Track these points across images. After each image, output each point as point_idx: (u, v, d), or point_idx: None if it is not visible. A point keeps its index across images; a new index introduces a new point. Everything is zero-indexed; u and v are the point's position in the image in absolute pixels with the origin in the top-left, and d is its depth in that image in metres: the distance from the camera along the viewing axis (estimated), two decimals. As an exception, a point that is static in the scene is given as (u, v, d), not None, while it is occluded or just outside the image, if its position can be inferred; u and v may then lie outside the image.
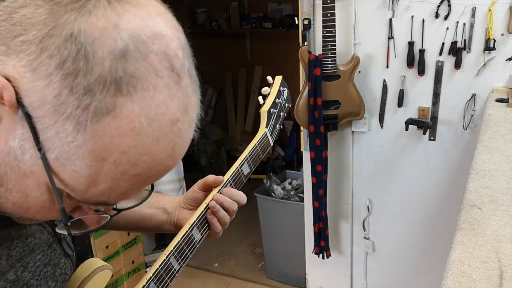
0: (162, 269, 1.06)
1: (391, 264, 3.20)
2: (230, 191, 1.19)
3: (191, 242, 1.13)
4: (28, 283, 0.76)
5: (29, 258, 0.77)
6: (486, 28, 2.48)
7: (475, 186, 1.46)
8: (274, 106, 1.44)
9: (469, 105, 2.64)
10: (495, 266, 1.07)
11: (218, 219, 1.16)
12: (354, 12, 2.74)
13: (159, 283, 1.05)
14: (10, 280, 0.72)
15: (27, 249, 0.76)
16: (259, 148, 1.34)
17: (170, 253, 1.08)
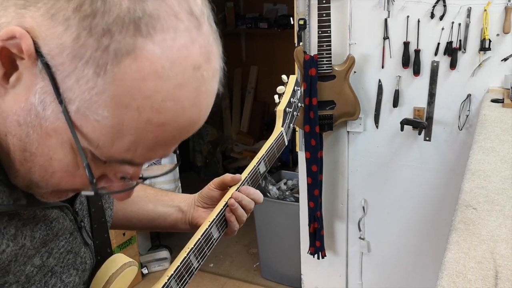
0: (183, 267, 1.06)
1: (386, 264, 3.20)
2: (248, 190, 1.19)
3: (209, 240, 1.13)
4: (52, 270, 0.76)
5: (54, 244, 0.76)
6: (482, 29, 2.48)
7: (470, 187, 1.46)
8: (289, 106, 1.44)
9: (464, 106, 2.64)
10: (490, 267, 1.06)
11: (236, 217, 1.16)
12: (350, 12, 2.74)
13: (179, 281, 1.05)
14: (37, 265, 0.72)
15: (50, 233, 0.75)
16: (275, 148, 1.35)
17: (190, 250, 1.07)
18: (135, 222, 1.19)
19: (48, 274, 0.76)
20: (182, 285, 1.06)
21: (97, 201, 0.90)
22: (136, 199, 1.19)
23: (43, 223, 0.73)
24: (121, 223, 1.17)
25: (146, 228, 1.22)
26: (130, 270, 0.92)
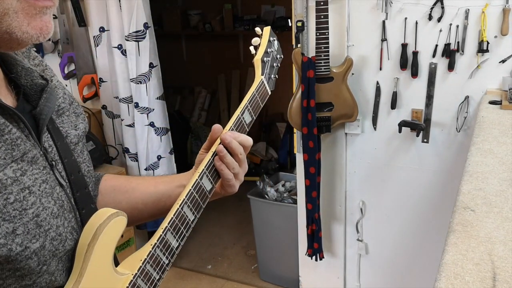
0: (177, 219, 1.04)
1: (384, 266, 3.20)
2: (234, 134, 1.16)
3: (201, 191, 1.11)
4: (29, 189, 0.78)
5: (27, 166, 0.78)
6: (479, 30, 2.49)
7: (468, 188, 1.46)
8: (267, 55, 1.46)
9: (462, 107, 2.64)
10: (488, 268, 1.06)
11: (226, 165, 1.13)
12: (348, 14, 2.74)
13: (175, 233, 1.04)
14: (10, 176, 0.74)
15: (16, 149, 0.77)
16: (258, 96, 1.34)
17: (182, 202, 1.06)
18: (141, 208, 1.18)
19: (26, 192, 0.77)
20: (179, 238, 1.05)
21: (68, 154, 0.93)
22: (136, 186, 1.20)
23: (3, 136, 0.76)
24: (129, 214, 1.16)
25: (154, 213, 1.20)
26: (119, 220, 0.91)
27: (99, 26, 3.45)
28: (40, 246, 0.78)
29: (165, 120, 3.63)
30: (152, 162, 3.64)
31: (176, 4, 5.89)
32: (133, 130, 3.57)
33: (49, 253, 0.80)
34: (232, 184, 1.16)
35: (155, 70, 3.44)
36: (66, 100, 1.02)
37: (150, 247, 0.99)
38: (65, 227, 0.85)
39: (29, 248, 0.76)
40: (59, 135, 0.93)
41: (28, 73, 0.88)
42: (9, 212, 0.73)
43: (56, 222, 0.82)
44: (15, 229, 0.73)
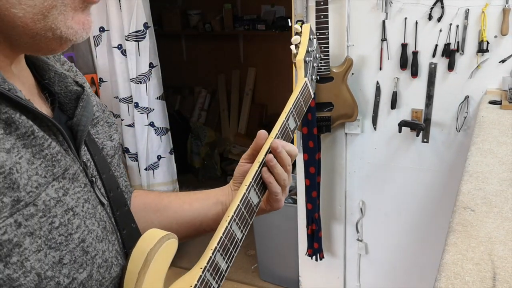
0: (226, 238, 0.95)
1: (384, 266, 3.20)
2: (282, 142, 1.09)
3: (249, 206, 1.02)
4: (73, 210, 0.70)
5: (68, 184, 0.70)
6: (479, 30, 2.48)
7: (468, 188, 1.45)
8: (308, 55, 1.34)
9: (462, 107, 2.64)
10: (488, 268, 1.06)
11: (275, 177, 1.05)
12: (347, 14, 2.74)
13: (225, 254, 0.95)
14: (53, 197, 0.66)
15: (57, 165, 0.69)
16: (302, 100, 1.23)
17: (231, 219, 0.97)
18: (176, 229, 1.06)
19: (70, 213, 0.69)
20: (228, 259, 0.96)
21: (106, 168, 0.86)
22: (168, 204, 1.12)
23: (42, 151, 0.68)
24: None
25: (189, 234, 1.11)
26: (170, 243, 0.84)
27: (99, 26, 3.44)
28: (87, 276, 0.70)
29: (165, 120, 3.63)
30: (152, 162, 3.64)
31: (176, 4, 5.89)
32: (133, 130, 3.57)
33: (96, 283, 0.73)
34: (279, 198, 1.08)
35: (155, 70, 3.44)
36: (99, 108, 0.95)
37: (199, 270, 0.90)
38: (110, 252, 0.78)
39: (77, 279, 0.68)
40: (96, 148, 0.86)
41: (62, 79, 0.82)
42: (55, 238, 0.65)
43: (102, 247, 0.75)
44: (62, 258, 0.66)
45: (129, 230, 0.87)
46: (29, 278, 0.60)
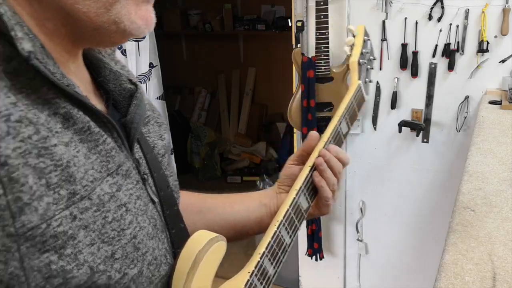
0: (274, 243, 0.94)
1: (384, 266, 3.20)
2: (334, 148, 1.07)
3: (299, 211, 1.00)
4: (126, 206, 0.70)
5: (121, 181, 0.71)
6: (479, 30, 2.48)
7: (468, 188, 1.46)
8: (362, 57, 1.31)
9: (462, 107, 2.64)
10: (488, 268, 1.06)
11: (326, 181, 1.03)
12: (347, 14, 2.74)
13: (273, 259, 0.94)
14: (107, 192, 0.67)
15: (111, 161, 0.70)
16: (355, 103, 1.20)
17: (280, 224, 0.95)
18: (218, 231, 1.01)
19: (122, 208, 0.69)
20: (276, 265, 0.96)
21: (157, 167, 0.87)
22: (211, 206, 1.12)
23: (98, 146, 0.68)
24: None
25: (232, 236, 1.07)
26: (219, 245, 0.84)
27: (99, 26, 3.44)
28: (138, 272, 0.70)
29: (165, 120, 3.63)
30: (152, 162, 3.63)
31: (176, 4, 5.90)
32: (133, 130, 3.56)
33: (146, 280, 0.72)
34: (329, 203, 1.06)
35: (155, 70, 3.44)
36: (149, 108, 0.94)
37: (247, 275, 0.91)
38: (160, 250, 0.78)
39: (127, 274, 0.68)
40: (148, 146, 0.86)
41: (116, 77, 0.82)
42: (108, 233, 0.65)
43: (152, 244, 0.75)
44: (114, 253, 0.66)
45: (178, 229, 0.87)
46: (82, 271, 0.60)
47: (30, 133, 0.58)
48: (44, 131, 0.59)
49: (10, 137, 0.55)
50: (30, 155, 0.57)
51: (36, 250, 0.57)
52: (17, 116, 0.57)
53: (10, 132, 0.56)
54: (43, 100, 0.61)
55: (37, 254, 0.57)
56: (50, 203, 0.58)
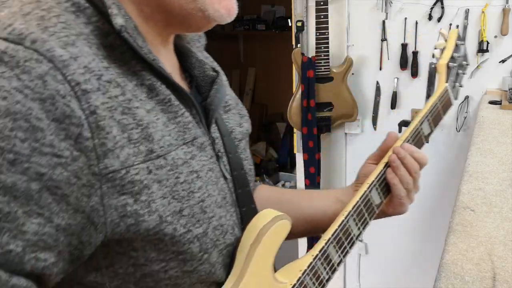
0: (341, 232, 0.96)
1: (384, 266, 3.20)
2: (410, 147, 1.08)
3: (369, 205, 1.02)
4: (198, 173, 0.76)
5: (196, 151, 0.77)
6: (479, 30, 2.49)
7: (468, 188, 1.46)
8: (452, 61, 1.29)
9: (462, 107, 2.64)
10: (488, 268, 1.06)
11: (399, 178, 1.04)
12: (347, 14, 2.74)
13: (338, 247, 0.96)
14: (181, 157, 0.74)
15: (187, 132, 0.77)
16: (440, 105, 1.21)
17: (348, 214, 0.97)
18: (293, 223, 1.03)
19: (194, 175, 0.75)
20: (342, 253, 0.97)
21: (233, 149, 0.92)
22: (290, 199, 1.15)
23: (176, 118, 0.76)
24: None
25: (306, 230, 1.11)
26: (283, 223, 0.87)
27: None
28: (202, 232, 0.76)
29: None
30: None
31: (176, 4, 5.89)
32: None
33: (211, 242, 0.78)
34: (403, 202, 1.06)
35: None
36: (232, 100, 1.03)
37: (311, 257, 0.93)
38: (227, 220, 0.83)
39: (192, 231, 0.74)
40: (225, 130, 0.92)
41: (201, 65, 0.90)
42: (178, 191, 0.72)
43: (219, 212, 0.80)
44: (182, 210, 0.72)
45: (248, 209, 0.91)
46: (152, 218, 0.68)
47: (117, 93, 0.66)
48: (129, 95, 0.68)
49: (100, 93, 0.64)
50: (115, 111, 0.65)
51: (115, 191, 0.65)
52: (108, 78, 0.66)
53: (100, 89, 0.64)
54: (131, 72, 0.71)
55: (115, 195, 0.65)
56: (130, 154, 0.66)
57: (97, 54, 0.66)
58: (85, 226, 0.64)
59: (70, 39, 0.64)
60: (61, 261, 0.63)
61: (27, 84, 0.59)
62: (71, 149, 0.61)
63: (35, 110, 0.59)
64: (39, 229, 0.60)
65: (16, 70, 0.59)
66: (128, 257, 0.70)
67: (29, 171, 0.59)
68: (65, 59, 0.61)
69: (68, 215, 0.62)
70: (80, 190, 0.62)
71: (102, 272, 0.70)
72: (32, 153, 0.59)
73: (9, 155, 0.58)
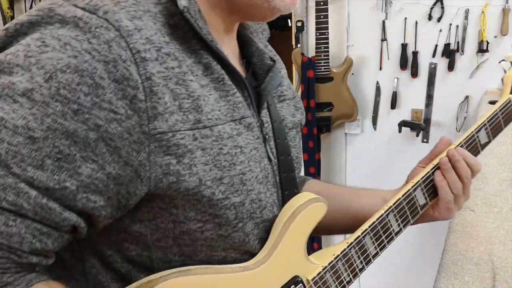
0: (379, 224, 0.97)
1: (384, 266, 3.19)
2: (464, 152, 1.04)
3: (413, 204, 1.01)
4: (241, 148, 0.81)
5: (242, 129, 0.82)
6: (479, 30, 2.49)
7: (468, 188, 1.45)
8: None
9: (462, 107, 2.64)
10: (488, 268, 1.06)
11: (448, 182, 1.02)
12: (347, 14, 2.74)
13: (374, 238, 0.97)
14: (227, 131, 0.79)
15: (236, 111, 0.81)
16: (501, 116, 1.17)
17: (389, 208, 0.98)
18: (339, 218, 1.11)
19: (238, 149, 0.80)
20: (378, 246, 0.98)
21: (282, 135, 0.95)
22: (338, 195, 1.17)
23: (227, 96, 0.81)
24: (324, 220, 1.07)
25: (351, 226, 1.08)
26: (318, 205, 0.90)
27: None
28: (240, 202, 0.80)
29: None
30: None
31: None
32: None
33: (247, 212, 0.82)
34: (450, 207, 1.04)
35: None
36: (289, 92, 1.07)
37: (345, 244, 0.95)
38: (267, 197, 0.86)
39: (230, 199, 0.78)
40: (277, 116, 0.96)
41: (260, 54, 0.94)
42: (220, 161, 0.77)
43: (259, 188, 0.84)
44: (222, 178, 0.77)
45: (291, 192, 0.93)
46: (192, 179, 0.73)
47: (173, 66, 0.73)
48: (185, 69, 0.74)
49: (157, 62, 0.70)
50: (170, 80, 0.72)
51: (161, 151, 0.71)
52: (167, 51, 0.72)
53: (158, 59, 0.71)
54: (191, 50, 0.77)
55: (161, 154, 0.71)
56: (178, 121, 0.72)
57: (160, 30, 0.73)
58: (132, 178, 0.70)
59: (137, 14, 0.72)
60: (109, 206, 0.71)
61: (95, 47, 0.66)
62: (126, 108, 0.68)
63: (99, 70, 0.66)
64: (92, 173, 0.67)
65: (88, 34, 0.67)
66: (169, 213, 0.76)
67: (89, 121, 0.66)
68: (130, 29, 0.69)
69: (119, 166, 0.69)
70: (131, 146, 0.69)
71: (145, 224, 0.77)
72: (93, 107, 0.66)
73: (74, 106, 0.65)
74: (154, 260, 0.80)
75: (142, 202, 0.75)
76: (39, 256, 0.69)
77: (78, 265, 0.82)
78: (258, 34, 1.04)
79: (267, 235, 0.88)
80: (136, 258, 0.80)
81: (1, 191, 0.64)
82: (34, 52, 0.67)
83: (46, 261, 0.71)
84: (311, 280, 0.89)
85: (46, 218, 0.66)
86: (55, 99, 0.65)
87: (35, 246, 0.67)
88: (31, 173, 0.64)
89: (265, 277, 0.86)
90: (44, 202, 0.65)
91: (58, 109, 0.65)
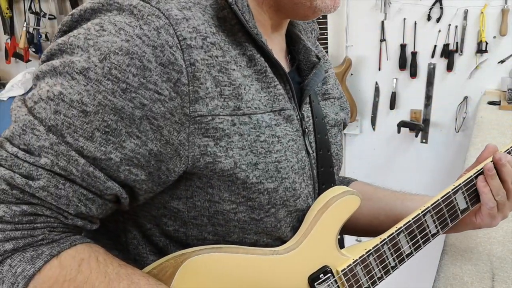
0: (414, 223, 0.96)
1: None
2: (510, 157, 1.00)
3: (452, 207, 0.99)
4: (279, 138, 0.84)
5: (281, 120, 0.85)
6: (478, 31, 2.49)
7: (467, 189, 1.45)
8: None
9: (461, 108, 2.64)
10: (487, 269, 1.06)
11: (491, 188, 0.98)
12: (346, 14, 2.74)
13: (410, 238, 0.98)
14: (266, 120, 0.82)
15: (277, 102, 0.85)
16: None
17: (426, 209, 0.97)
18: (382, 220, 1.11)
19: (275, 139, 0.83)
20: (413, 245, 0.98)
21: (323, 131, 0.97)
22: (382, 197, 1.19)
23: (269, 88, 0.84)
24: (369, 222, 1.11)
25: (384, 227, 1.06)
26: (352, 198, 0.92)
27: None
28: (273, 188, 0.83)
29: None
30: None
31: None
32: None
33: (280, 199, 0.84)
34: (493, 214, 1.00)
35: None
36: (335, 92, 1.09)
37: (378, 240, 0.95)
38: (302, 187, 0.89)
39: (264, 184, 0.81)
40: (319, 112, 0.98)
41: (307, 52, 0.97)
42: (257, 147, 0.80)
43: (294, 177, 0.86)
44: (257, 164, 0.81)
45: (328, 187, 0.96)
46: (227, 161, 0.77)
47: (218, 54, 0.77)
48: (229, 58, 0.78)
49: (202, 50, 0.75)
50: (213, 68, 0.76)
51: (200, 132, 0.75)
52: (212, 40, 0.76)
53: (203, 47, 0.75)
54: (237, 42, 0.81)
55: (200, 136, 0.75)
56: (218, 106, 0.76)
57: (208, 21, 0.78)
58: (172, 156, 0.75)
59: (187, 5, 0.76)
60: (150, 181, 0.76)
61: (146, 33, 0.72)
62: (169, 90, 0.72)
63: (148, 54, 0.71)
64: (136, 148, 0.72)
65: (140, 21, 0.72)
66: (205, 192, 0.80)
67: (135, 100, 0.71)
68: (178, 18, 0.74)
69: (161, 144, 0.73)
70: (172, 125, 0.73)
71: (183, 201, 0.81)
72: (140, 87, 0.71)
73: (123, 84, 0.70)
74: (189, 237, 0.84)
75: (181, 180, 0.79)
76: (84, 220, 0.75)
77: (121, 235, 0.87)
78: (307, 33, 1.06)
79: (300, 225, 0.91)
80: (173, 233, 0.84)
81: (54, 157, 0.69)
82: (93, 35, 0.72)
83: (90, 225, 0.76)
84: (340, 271, 0.91)
85: (92, 185, 0.72)
86: (107, 78, 0.70)
87: (80, 209, 0.72)
88: (82, 143, 0.70)
89: (295, 263, 0.88)
90: (91, 170, 0.71)
91: (108, 87, 0.70)
